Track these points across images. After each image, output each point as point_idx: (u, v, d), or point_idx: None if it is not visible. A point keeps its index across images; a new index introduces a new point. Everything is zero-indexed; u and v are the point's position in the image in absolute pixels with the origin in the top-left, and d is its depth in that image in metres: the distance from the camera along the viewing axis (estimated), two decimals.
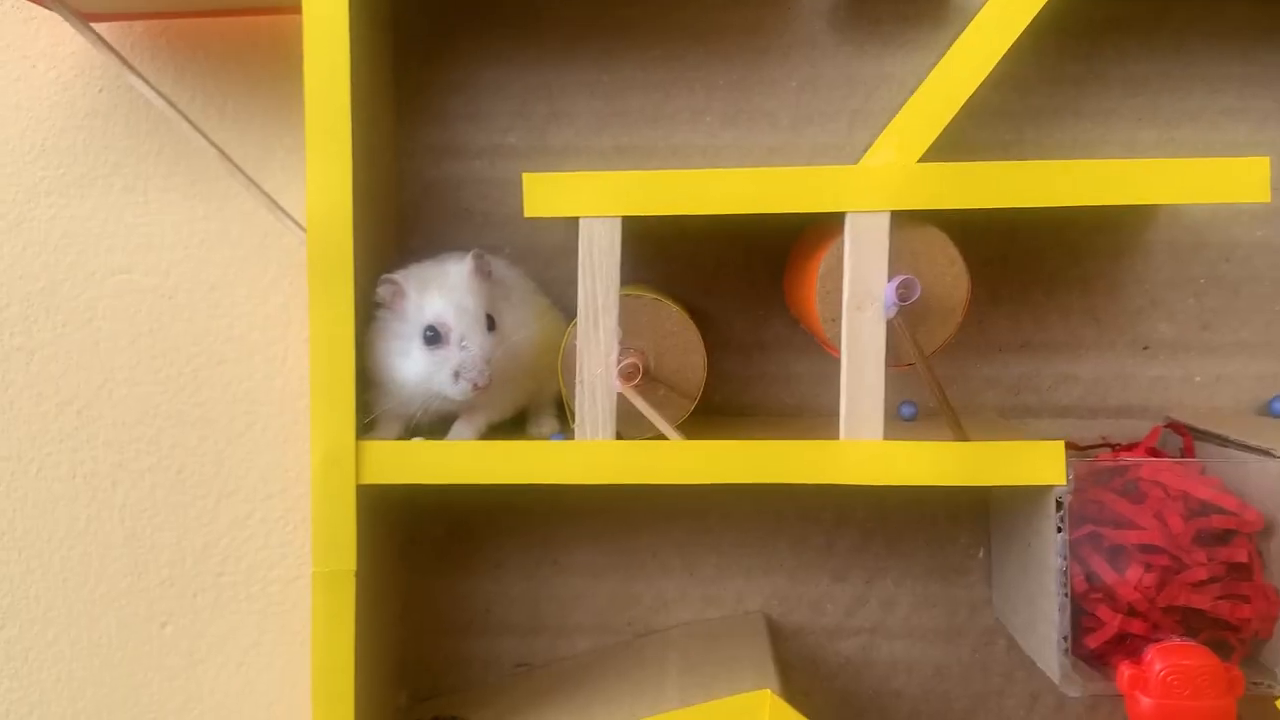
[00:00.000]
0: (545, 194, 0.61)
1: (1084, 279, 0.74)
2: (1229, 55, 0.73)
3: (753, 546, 0.76)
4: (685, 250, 0.75)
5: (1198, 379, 0.74)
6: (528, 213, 0.61)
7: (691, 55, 0.74)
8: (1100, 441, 0.73)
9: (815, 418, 0.75)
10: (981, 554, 0.75)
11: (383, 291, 0.64)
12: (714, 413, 0.76)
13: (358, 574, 0.64)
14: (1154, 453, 0.71)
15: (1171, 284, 0.74)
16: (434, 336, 0.62)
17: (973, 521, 0.75)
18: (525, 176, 0.61)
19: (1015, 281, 0.74)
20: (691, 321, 0.66)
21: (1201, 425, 0.70)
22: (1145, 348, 0.74)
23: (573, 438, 0.63)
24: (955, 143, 0.72)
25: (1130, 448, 0.72)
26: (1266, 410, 0.74)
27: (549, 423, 0.70)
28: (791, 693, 0.76)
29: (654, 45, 0.74)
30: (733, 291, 0.75)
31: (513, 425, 0.70)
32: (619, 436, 0.63)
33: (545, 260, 0.74)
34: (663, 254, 0.75)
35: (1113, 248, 0.74)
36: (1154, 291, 0.74)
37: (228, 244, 0.77)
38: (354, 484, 0.62)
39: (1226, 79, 0.73)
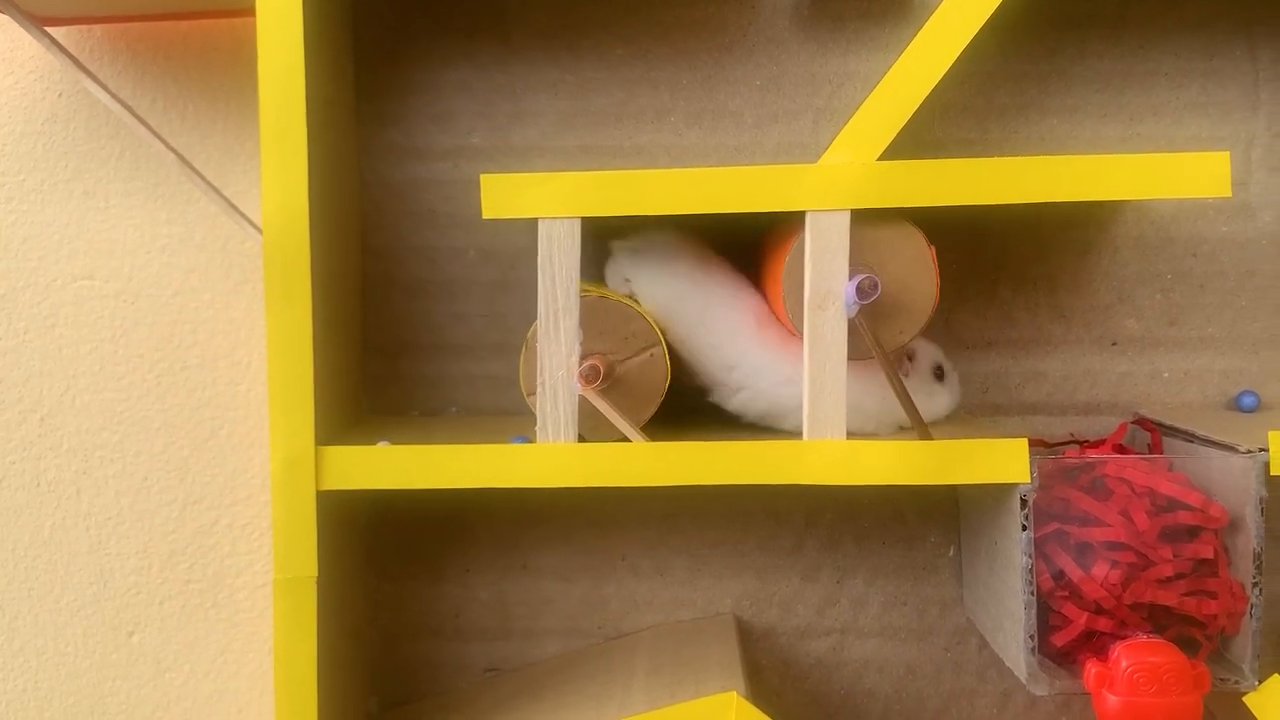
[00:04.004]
0: (504, 195, 0.60)
1: (1050, 276, 0.74)
2: (1191, 50, 0.73)
3: (723, 548, 0.76)
4: None
5: (1165, 375, 0.74)
6: (486, 214, 0.61)
7: (655, 54, 0.74)
8: (1068, 438, 0.73)
9: None
10: (952, 552, 0.75)
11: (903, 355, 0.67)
12: (683, 415, 0.75)
13: (322, 580, 0.63)
14: (1121, 449, 0.71)
15: (1138, 280, 0.74)
16: (941, 372, 0.70)
17: (943, 520, 0.75)
18: (483, 178, 0.60)
19: (982, 279, 0.74)
20: (654, 323, 0.65)
21: (1169, 421, 0.70)
22: (1113, 344, 0.74)
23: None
24: (919, 140, 0.73)
25: (1098, 444, 0.72)
26: (1234, 405, 0.74)
27: None
28: (763, 694, 0.76)
29: (617, 44, 0.74)
30: None
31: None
32: (582, 439, 0.63)
33: (509, 261, 0.74)
34: None
35: (1079, 244, 0.74)
36: (1121, 287, 0.74)
37: (190, 249, 0.77)
38: (314, 489, 0.62)
39: (1189, 74, 0.73)
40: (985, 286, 0.74)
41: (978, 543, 0.70)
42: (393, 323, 0.75)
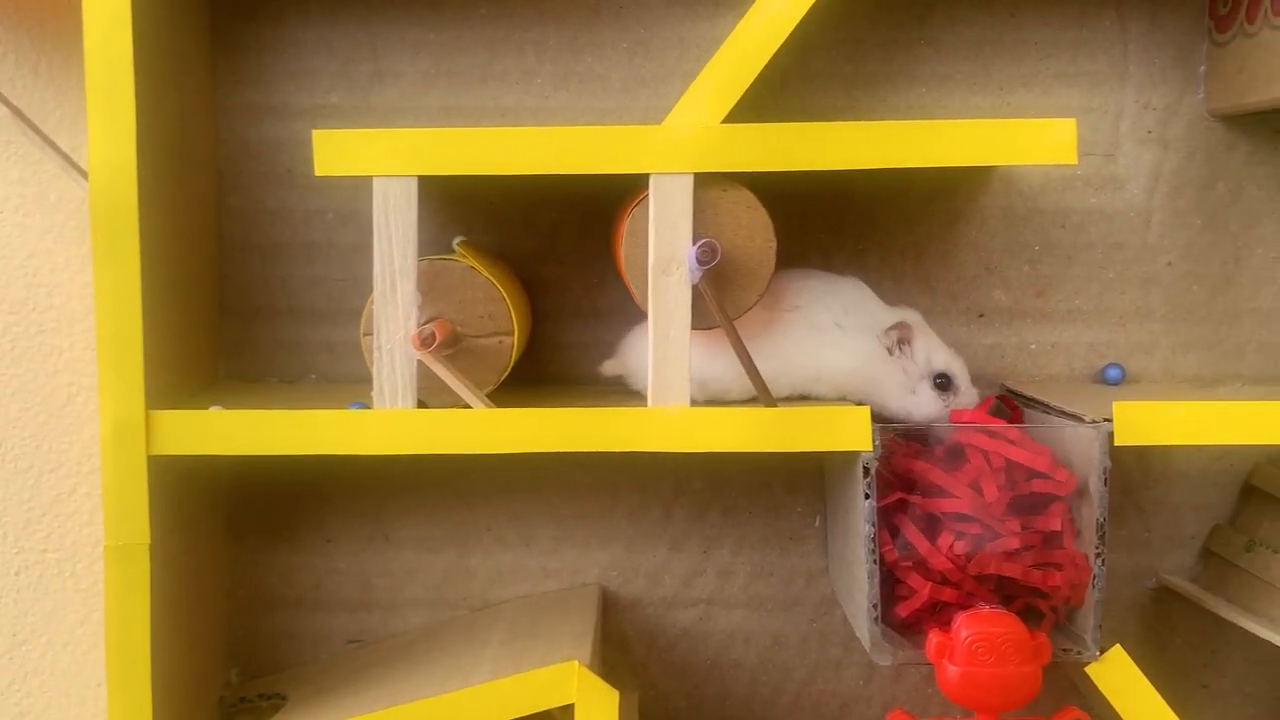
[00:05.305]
0: (336, 152, 0.59)
1: (918, 246, 0.73)
2: (1062, 20, 0.72)
3: (590, 518, 0.75)
4: (518, 213, 0.73)
5: (1033, 346, 0.74)
6: (318, 171, 0.59)
7: (521, 14, 0.72)
8: None
9: None
10: (818, 522, 0.75)
11: (896, 334, 0.67)
12: (549, 382, 0.74)
13: (163, 548, 0.62)
14: (984, 419, 0.70)
15: (1006, 251, 0.73)
16: (946, 383, 0.67)
17: (809, 490, 0.75)
18: (315, 134, 0.59)
19: (849, 249, 0.73)
20: (514, 312, 0.64)
21: (1034, 394, 0.69)
22: (980, 315, 0.74)
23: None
24: (786, 107, 0.72)
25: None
26: (1100, 378, 0.74)
27: None
28: (629, 664, 0.75)
29: (482, 3, 0.72)
30: (568, 256, 0.74)
31: None
32: (423, 405, 0.61)
33: (369, 224, 0.72)
34: (495, 217, 0.73)
35: (947, 215, 0.73)
36: (989, 259, 0.73)
37: (45, 209, 0.74)
38: (145, 454, 0.60)
39: (1058, 44, 0.72)
40: (852, 256, 0.73)
41: (837, 513, 0.70)
42: (250, 286, 0.73)
